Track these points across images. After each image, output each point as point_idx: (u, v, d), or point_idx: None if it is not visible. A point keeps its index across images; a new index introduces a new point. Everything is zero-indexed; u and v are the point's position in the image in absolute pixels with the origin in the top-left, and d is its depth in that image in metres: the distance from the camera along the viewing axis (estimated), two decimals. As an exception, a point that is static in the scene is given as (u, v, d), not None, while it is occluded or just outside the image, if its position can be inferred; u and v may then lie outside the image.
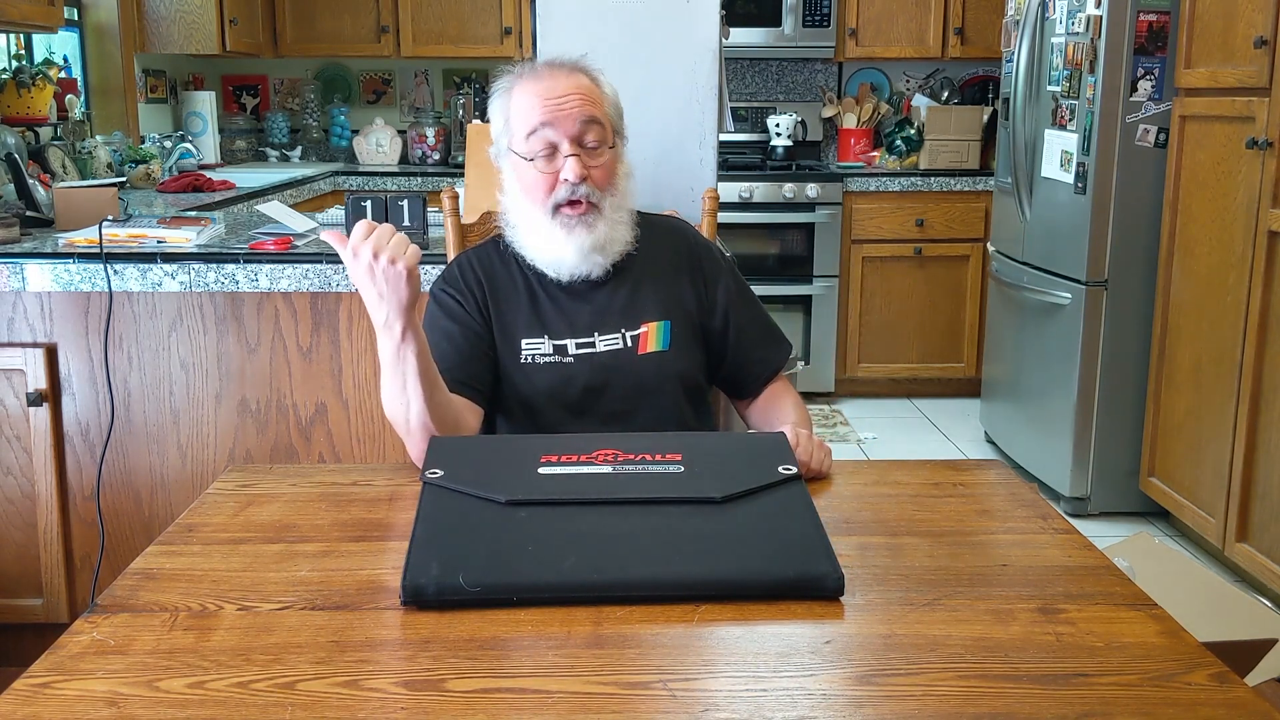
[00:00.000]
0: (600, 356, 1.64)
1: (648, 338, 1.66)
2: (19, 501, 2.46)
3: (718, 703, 0.93)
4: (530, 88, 1.60)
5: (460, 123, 4.95)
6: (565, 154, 1.58)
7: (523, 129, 1.59)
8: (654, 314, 1.67)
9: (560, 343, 1.64)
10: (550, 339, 1.64)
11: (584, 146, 1.59)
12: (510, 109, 1.63)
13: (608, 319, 1.65)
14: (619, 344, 1.64)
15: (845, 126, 5.01)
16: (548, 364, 1.63)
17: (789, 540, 1.17)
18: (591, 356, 1.64)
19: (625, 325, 1.65)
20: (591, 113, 1.59)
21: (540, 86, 1.60)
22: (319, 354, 2.41)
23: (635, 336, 1.65)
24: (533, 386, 1.63)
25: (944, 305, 4.69)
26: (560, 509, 1.22)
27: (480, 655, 1.00)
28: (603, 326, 1.65)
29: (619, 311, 1.66)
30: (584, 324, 1.65)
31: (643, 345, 1.65)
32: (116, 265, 2.30)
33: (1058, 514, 1.35)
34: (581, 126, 1.59)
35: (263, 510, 1.35)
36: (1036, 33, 3.66)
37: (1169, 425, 3.30)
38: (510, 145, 1.62)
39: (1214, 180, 3.06)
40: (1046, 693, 0.94)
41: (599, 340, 1.64)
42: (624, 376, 1.64)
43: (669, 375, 1.66)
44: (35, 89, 3.49)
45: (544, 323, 1.65)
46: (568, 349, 1.64)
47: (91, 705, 0.92)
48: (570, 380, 1.63)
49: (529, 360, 1.63)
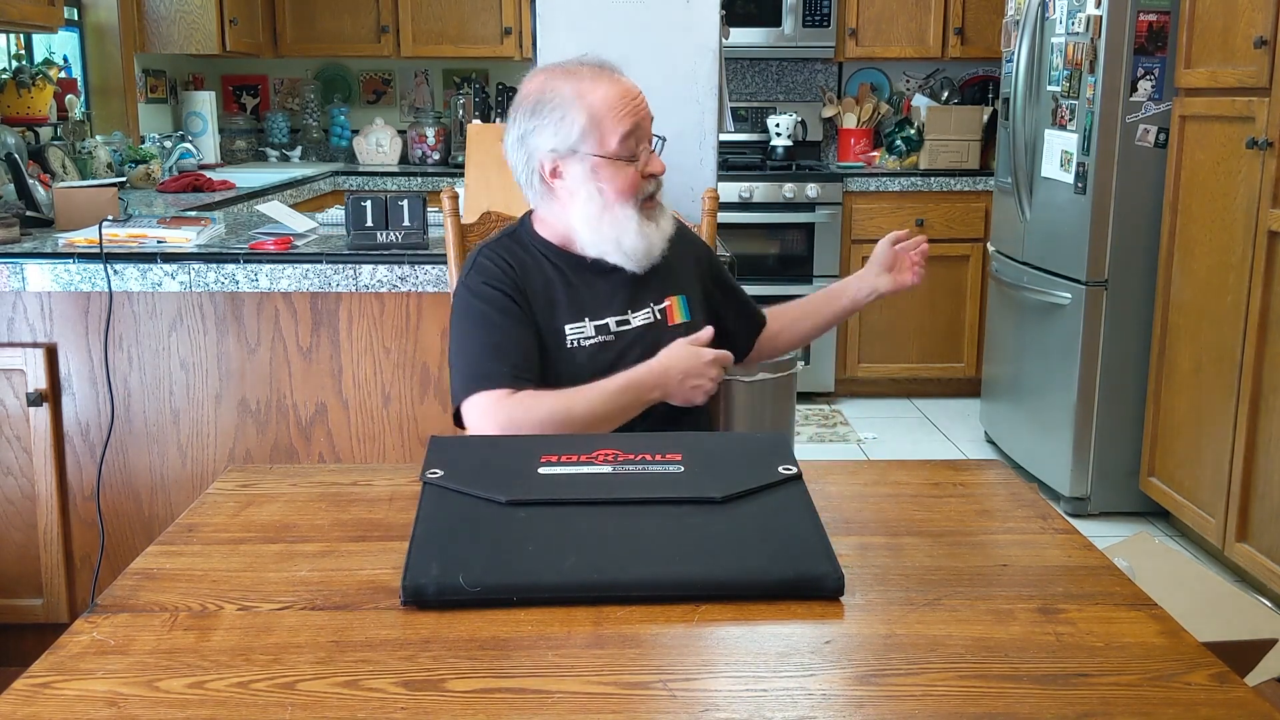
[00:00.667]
0: (638, 331, 1.72)
1: (673, 310, 1.76)
2: (19, 501, 2.46)
3: (718, 703, 0.93)
4: (609, 91, 1.66)
5: (460, 123, 4.95)
6: (649, 151, 1.69)
7: (618, 130, 1.65)
8: (671, 289, 1.77)
9: (601, 322, 1.71)
10: (591, 320, 1.70)
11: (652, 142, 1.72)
12: (596, 113, 1.64)
13: (637, 295, 1.73)
14: (651, 318, 1.74)
15: (845, 126, 5.01)
16: (593, 345, 1.69)
17: (789, 540, 1.17)
18: (630, 332, 1.72)
19: (652, 300, 1.75)
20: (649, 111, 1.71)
21: (617, 90, 1.66)
22: (319, 354, 2.41)
23: (663, 310, 1.75)
24: (579, 369, 1.67)
25: (944, 305, 4.69)
26: (560, 509, 1.22)
27: (480, 655, 1.00)
28: (634, 303, 1.73)
29: (645, 287, 1.74)
30: (619, 302, 1.72)
31: (670, 317, 1.76)
32: (116, 265, 2.30)
33: (1058, 514, 1.35)
34: (650, 125, 1.70)
35: (263, 510, 1.35)
36: (1036, 33, 3.66)
37: (1169, 425, 3.30)
38: (595, 149, 1.65)
39: (1214, 180, 3.06)
40: (1046, 693, 0.94)
41: (633, 316, 1.73)
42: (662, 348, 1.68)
43: None
44: (35, 89, 3.49)
45: (582, 306, 1.71)
46: (609, 327, 1.71)
47: (91, 705, 0.92)
48: (616, 357, 1.68)
49: (575, 344, 1.69)
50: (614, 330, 1.71)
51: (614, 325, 1.72)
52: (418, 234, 2.39)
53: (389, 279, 2.33)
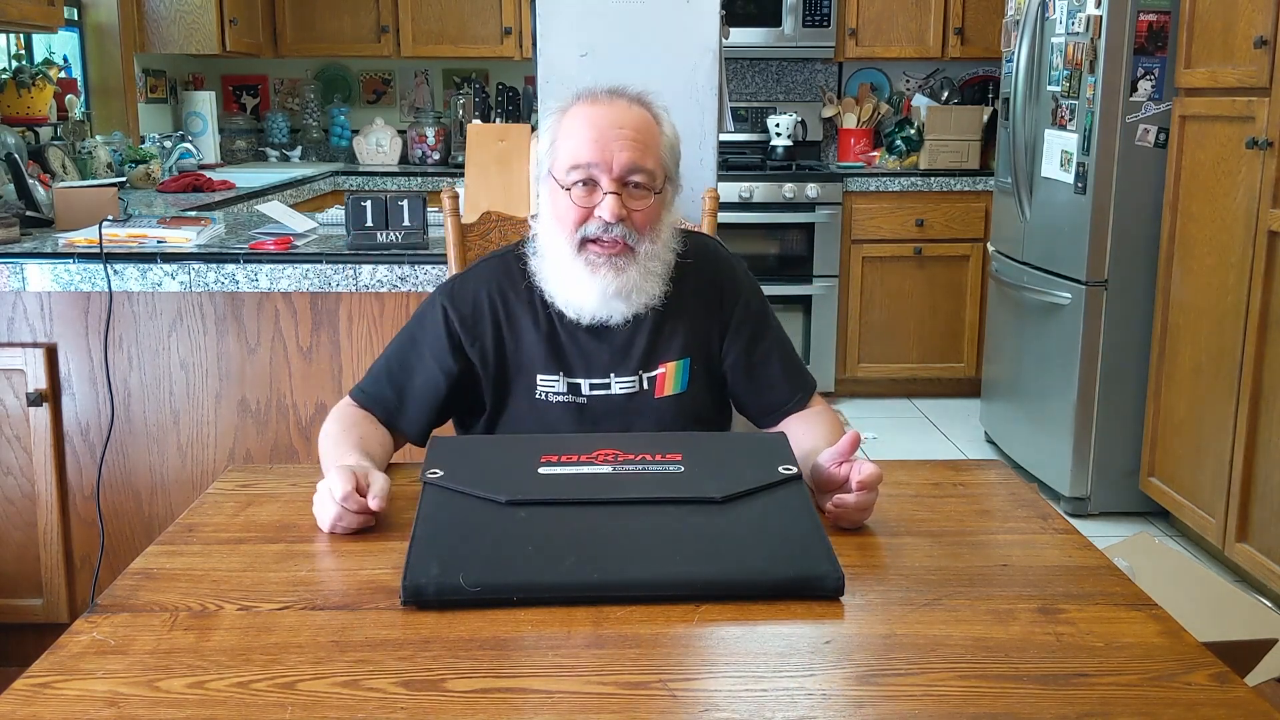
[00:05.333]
0: (615, 399, 1.57)
1: (665, 379, 1.58)
2: (19, 501, 2.46)
3: (718, 703, 0.93)
4: (585, 111, 1.51)
5: (460, 123, 4.95)
6: (605, 190, 1.48)
7: (567, 157, 1.49)
8: (674, 353, 1.58)
9: (574, 381, 1.56)
10: (565, 377, 1.56)
11: (627, 185, 1.49)
12: (559, 130, 1.53)
13: (625, 361, 1.57)
14: (634, 387, 1.57)
15: (845, 126, 5.01)
16: (561, 403, 1.56)
17: (789, 540, 1.17)
18: (606, 399, 1.57)
19: (642, 368, 1.57)
20: (639, 158, 1.49)
21: (596, 111, 1.50)
22: (319, 354, 2.41)
23: (652, 379, 1.57)
24: (545, 424, 1.56)
25: (944, 305, 4.69)
26: (560, 509, 1.22)
27: (480, 655, 1.00)
28: (619, 368, 1.57)
29: (637, 354, 1.57)
30: (600, 364, 1.57)
31: (660, 388, 1.57)
32: (116, 265, 2.30)
33: (1058, 514, 1.35)
34: (629, 164, 1.48)
35: (263, 510, 1.35)
36: (1036, 33, 3.66)
37: (1169, 425, 3.30)
38: (551, 168, 1.53)
39: (1214, 180, 3.06)
40: (1047, 693, 0.94)
41: (614, 382, 1.57)
42: (642, 420, 1.57)
43: (686, 417, 1.59)
44: (35, 89, 3.49)
45: (561, 360, 1.57)
46: (581, 389, 1.56)
47: (91, 705, 0.92)
48: (584, 420, 1.56)
49: (543, 397, 1.56)
50: (586, 393, 1.56)
51: (586, 387, 1.56)
52: (418, 234, 2.39)
53: (389, 279, 2.33)
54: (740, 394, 1.64)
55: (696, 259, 1.62)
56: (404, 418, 1.59)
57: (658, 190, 1.52)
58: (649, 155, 1.50)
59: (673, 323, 1.58)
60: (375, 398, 1.59)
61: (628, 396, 1.57)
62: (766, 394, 1.63)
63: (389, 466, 1.52)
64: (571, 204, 1.50)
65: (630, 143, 1.48)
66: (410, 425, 1.60)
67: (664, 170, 1.53)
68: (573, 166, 1.49)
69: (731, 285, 1.63)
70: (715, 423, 1.65)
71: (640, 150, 1.49)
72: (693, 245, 1.63)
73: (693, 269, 1.61)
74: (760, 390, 1.63)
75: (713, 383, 1.62)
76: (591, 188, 1.49)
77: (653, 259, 1.53)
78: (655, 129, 1.53)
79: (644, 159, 1.49)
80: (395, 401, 1.59)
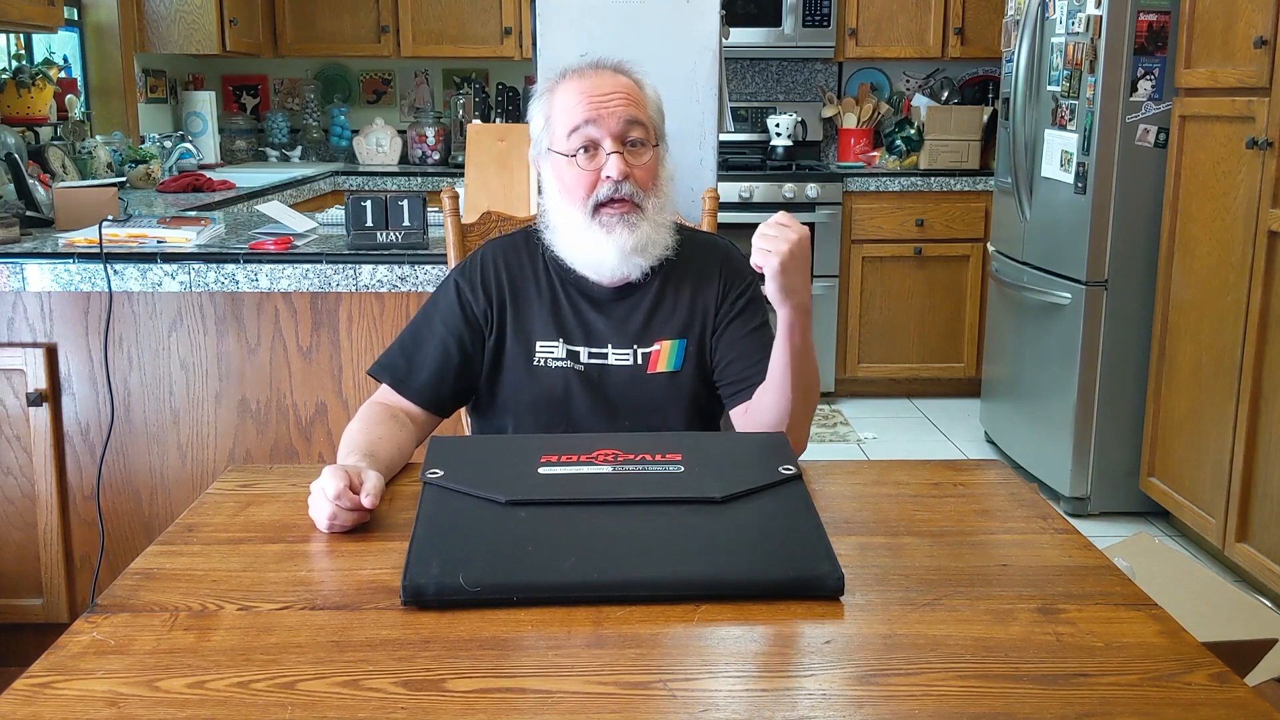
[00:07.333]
0: (610, 369, 1.62)
1: (659, 356, 1.63)
2: (19, 501, 2.46)
3: (718, 703, 0.93)
4: (573, 86, 1.59)
5: (460, 123, 4.95)
6: (608, 151, 1.56)
7: (565, 126, 1.57)
8: (671, 331, 1.63)
9: (574, 349, 1.62)
10: (565, 343, 1.62)
11: (626, 145, 1.57)
12: (552, 107, 1.61)
13: (623, 333, 1.63)
14: (629, 360, 1.62)
15: (845, 126, 5.01)
16: (558, 368, 1.61)
17: (789, 540, 1.17)
18: (602, 368, 1.62)
19: (639, 342, 1.63)
20: (634, 112, 1.58)
21: (584, 84, 1.58)
22: (319, 354, 2.41)
23: (647, 354, 1.63)
24: (541, 390, 1.61)
25: (944, 305, 4.69)
26: (560, 509, 1.22)
27: (480, 655, 1.00)
28: (616, 339, 1.63)
29: (636, 327, 1.63)
30: (599, 334, 1.63)
31: (653, 364, 1.63)
32: (116, 265, 2.30)
33: (1058, 514, 1.35)
34: (624, 124, 1.57)
35: (263, 510, 1.35)
36: (1036, 33, 3.66)
37: (1169, 425, 3.30)
38: (550, 145, 1.60)
39: (1214, 180, 3.06)
40: (1046, 693, 0.94)
41: (611, 353, 1.63)
42: (634, 394, 1.62)
43: (678, 396, 1.63)
44: (35, 89, 3.49)
45: (561, 326, 1.63)
46: (580, 356, 1.62)
47: (91, 705, 0.92)
48: (579, 387, 1.61)
49: (541, 362, 1.62)
50: (584, 361, 1.62)
51: (585, 355, 1.62)
52: (418, 234, 2.39)
53: (389, 279, 2.33)
54: (722, 364, 1.64)
55: (700, 244, 1.71)
56: (412, 384, 1.63)
57: (654, 145, 1.61)
58: (641, 111, 1.60)
59: (674, 298, 1.65)
60: (385, 365, 1.66)
61: (622, 368, 1.63)
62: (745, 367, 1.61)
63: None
64: (579, 170, 1.57)
65: (622, 102, 1.58)
66: (419, 394, 1.63)
67: (654, 127, 1.63)
68: (573, 131, 1.57)
69: (730, 267, 1.69)
70: (707, 404, 1.68)
71: (633, 107, 1.59)
72: (696, 234, 1.73)
73: (697, 252, 1.69)
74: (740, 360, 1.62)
75: (706, 365, 1.67)
76: (594, 152, 1.57)
77: (660, 211, 1.61)
78: (640, 90, 1.63)
79: (638, 113, 1.59)
80: (405, 369, 1.64)
